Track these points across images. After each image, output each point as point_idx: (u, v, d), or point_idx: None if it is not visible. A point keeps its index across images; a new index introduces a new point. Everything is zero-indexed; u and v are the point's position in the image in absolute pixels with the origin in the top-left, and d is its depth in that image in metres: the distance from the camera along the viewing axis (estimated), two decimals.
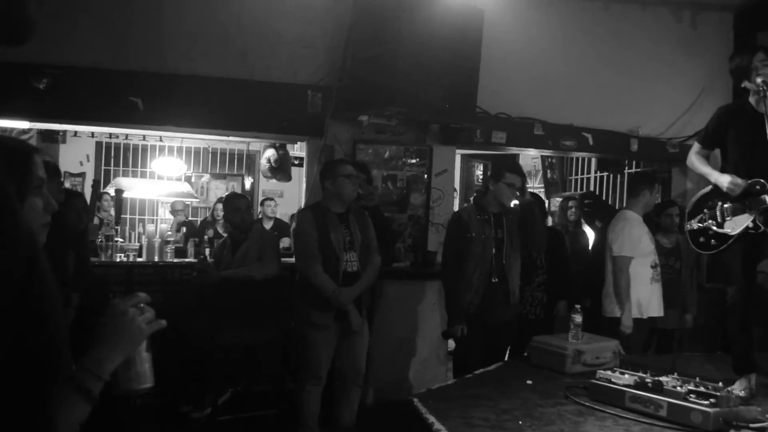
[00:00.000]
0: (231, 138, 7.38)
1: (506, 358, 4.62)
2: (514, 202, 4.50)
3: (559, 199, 7.39)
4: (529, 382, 3.79)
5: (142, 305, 1.50)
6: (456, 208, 6.62)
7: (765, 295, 3.17)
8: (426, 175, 5.86)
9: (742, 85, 3.73)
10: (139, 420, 4.88)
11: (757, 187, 3.56)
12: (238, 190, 9.79)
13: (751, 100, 3.71)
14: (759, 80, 3.45)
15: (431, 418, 2.97)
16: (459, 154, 6.45)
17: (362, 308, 4.39)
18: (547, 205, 8.67)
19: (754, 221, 3.58)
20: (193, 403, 5.14)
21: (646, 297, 5.03)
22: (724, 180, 3.71)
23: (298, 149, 7.77)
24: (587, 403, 3.35)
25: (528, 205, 4.54)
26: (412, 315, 5.74)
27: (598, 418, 3.16)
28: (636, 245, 5.03)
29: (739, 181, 3.63)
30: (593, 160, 8.77)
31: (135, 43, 5.15)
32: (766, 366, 3.85)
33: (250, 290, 4.90)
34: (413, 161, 5.83)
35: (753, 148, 3.59)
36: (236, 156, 10.64)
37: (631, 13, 6.26)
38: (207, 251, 6.35)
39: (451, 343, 5.06)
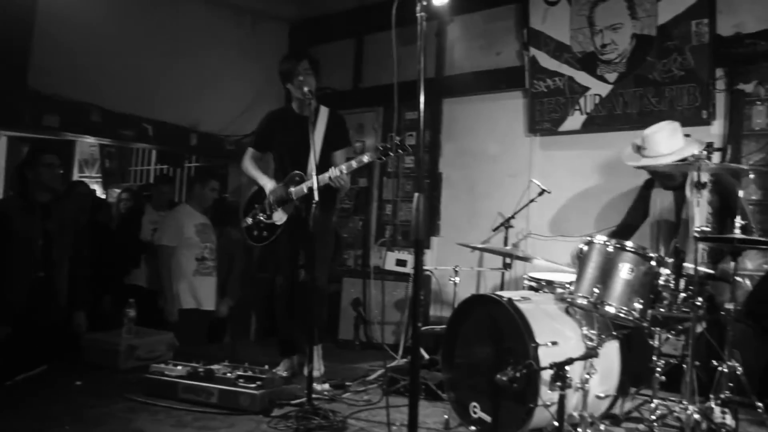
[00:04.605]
0: None
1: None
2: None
3: (118, 190, 7.19)
4: (78, 382, 3.63)
5: None
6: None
7: (309, 285, 3.55)
8: None
9: (286, 86, 4.13)
10: None
11: (296, 178, 4.00)
12: None
13: (294, 105, 4.16)
14: (306, 89, 3.84)
15: None
16: (5, 136, 5.77)
17: None
18: (104, 196, 8.40)
19: (296, 208, 3.99)
20: None
21: (192, 288, 5.16)
22: (267, 186, 4.14)
23: None
24: (140, 399, 3.35)
25: None
26: None
27: (151, 412, 3.19)
28: (177, 236, 5.14)
29: (278, 189, 4.05)
30: (154, 152, 8.72)
31: None
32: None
33: None
34: None
35: (297, 147, 4.00)
36: None
37: (196, 9, 6.32)
38: None
39: None
